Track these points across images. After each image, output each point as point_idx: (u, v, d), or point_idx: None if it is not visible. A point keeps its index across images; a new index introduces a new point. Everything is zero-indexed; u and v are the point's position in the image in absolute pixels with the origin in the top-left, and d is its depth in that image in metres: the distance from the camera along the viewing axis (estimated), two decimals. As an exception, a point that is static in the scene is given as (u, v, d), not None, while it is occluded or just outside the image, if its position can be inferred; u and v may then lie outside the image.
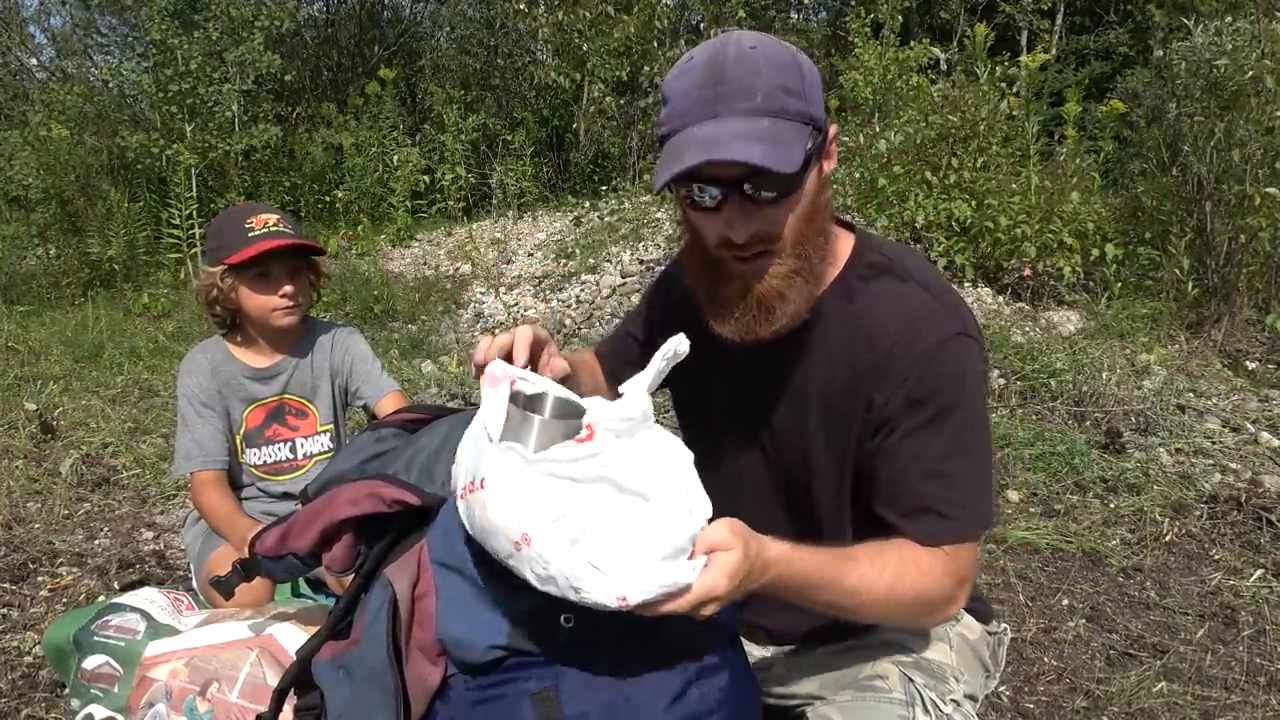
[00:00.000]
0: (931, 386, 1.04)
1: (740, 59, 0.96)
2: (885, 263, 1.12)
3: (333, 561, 1.10)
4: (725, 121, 0.95)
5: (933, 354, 1.04)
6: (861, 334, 1.07)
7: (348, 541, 1.09)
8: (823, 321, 1.10)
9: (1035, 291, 4.93)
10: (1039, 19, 9.13)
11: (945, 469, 1.05)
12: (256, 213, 1.90)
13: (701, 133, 0.95)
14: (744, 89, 0.95)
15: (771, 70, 0.96)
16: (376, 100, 7.91)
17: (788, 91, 0.96)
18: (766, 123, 0.95)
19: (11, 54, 9.04)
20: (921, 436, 1.05)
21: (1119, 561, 2.61)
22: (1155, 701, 1.99)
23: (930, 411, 1.04)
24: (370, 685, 0.99)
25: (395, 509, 1.07)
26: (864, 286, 1.10)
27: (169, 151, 6.33)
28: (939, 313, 1.06)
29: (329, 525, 1.09)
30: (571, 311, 5.21)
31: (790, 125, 0.96)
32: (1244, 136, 4.40)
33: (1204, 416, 3.61)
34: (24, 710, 1.89)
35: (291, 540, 1.13)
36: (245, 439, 1.99)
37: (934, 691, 1.11)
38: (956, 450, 1.05)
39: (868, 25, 6.60)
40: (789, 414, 1.15)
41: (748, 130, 0.94)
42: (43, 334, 5.26)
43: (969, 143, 5.08)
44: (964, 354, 1.06)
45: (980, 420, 1.08)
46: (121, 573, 2.50)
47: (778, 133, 0.94)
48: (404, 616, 0.99)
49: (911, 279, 1.10)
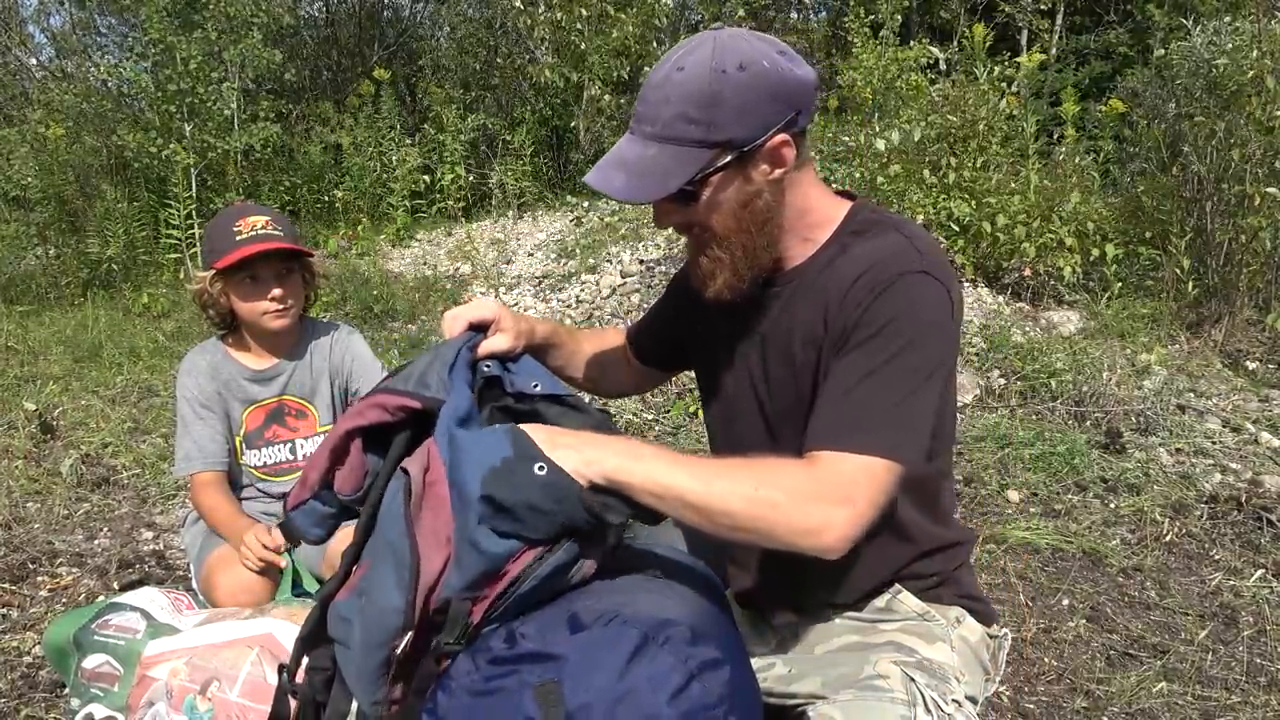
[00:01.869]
0: (879, 313, 1.09)
1: (660, 82, 1.10)
2: (876, 218, 1.21)
3: (344, 482, 1.12)
4: (629, 140, 1.13)
5: (890, 284, 1.09)
6: (839, 275, 1.15)
7: (356, 459, 1.12)
8: (814, 272, 1.20)
9: (1035, 291, 4.93)
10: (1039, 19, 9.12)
11: (861, 385, 1.07)
12: (246, 215, 1.88)
13: (611, 152, 1.15)
14: (650, 113, 1.10)
15: (679, 99, 1.08)
16: (374, 100, 7.90)
17: (686, 119, 1.08)
18: (654, 150, 1.10)
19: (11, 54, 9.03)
20: (854, 356, 1.09)
21: (1119, 561, 2.61)
22: (1155, 702, 1.99)
23: (870, 333, 1.09)
24: (385, 563, 1.00)
25: (399, 415, 1.11)
26: (855, 240, 1.19)
27: (167, 151, 6.33)
28: (908, 252, 1.12)
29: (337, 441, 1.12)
30: (571, 311, 5.21)
31: (681, 152, 1.09)
32: (1244, 136, 4.40)
33: (1204, 416, 3.61)
34: (24, 710, 1.89)
35: (309, 479, 1.15)
36: (245, 440, 1.99)
37: (935, 691, 1.11)
38: (882, 370, 1.07)
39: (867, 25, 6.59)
40: (779, 361, 1.23)
41: (632, 157, 1.11)
42: (42, 334, 5.25)
43: (968, 142, 5.08)
44: (922, 290, 1.10)
45: (922, 353, 1.08)
46: (121, 573, 2.50)
47: (658, 162, 1.09)
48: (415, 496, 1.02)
49: (899, 230, 1.17)
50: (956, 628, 1.26)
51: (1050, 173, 5.16)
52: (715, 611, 1.09)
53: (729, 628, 1.09)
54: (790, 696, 1.23)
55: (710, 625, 1.03)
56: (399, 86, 9.12)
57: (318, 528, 1.18)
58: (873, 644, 1.21)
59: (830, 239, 1.21)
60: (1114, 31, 9.25)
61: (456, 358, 1.17)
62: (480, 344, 1.22)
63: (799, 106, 1.11)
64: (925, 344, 1.08)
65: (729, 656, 1.01)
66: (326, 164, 7.96)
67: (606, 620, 0.99)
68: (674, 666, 0.96)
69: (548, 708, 0.93)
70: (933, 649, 1.19)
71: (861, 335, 1.09)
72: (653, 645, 0.97)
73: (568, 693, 0.93)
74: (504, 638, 1.00)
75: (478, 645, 1.01)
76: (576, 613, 1.01)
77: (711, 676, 0.98)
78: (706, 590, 1.14)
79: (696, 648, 0.98)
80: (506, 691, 0.95)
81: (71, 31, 9.12)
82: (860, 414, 1.05)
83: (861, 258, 1.14)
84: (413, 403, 1.10)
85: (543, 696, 0.93)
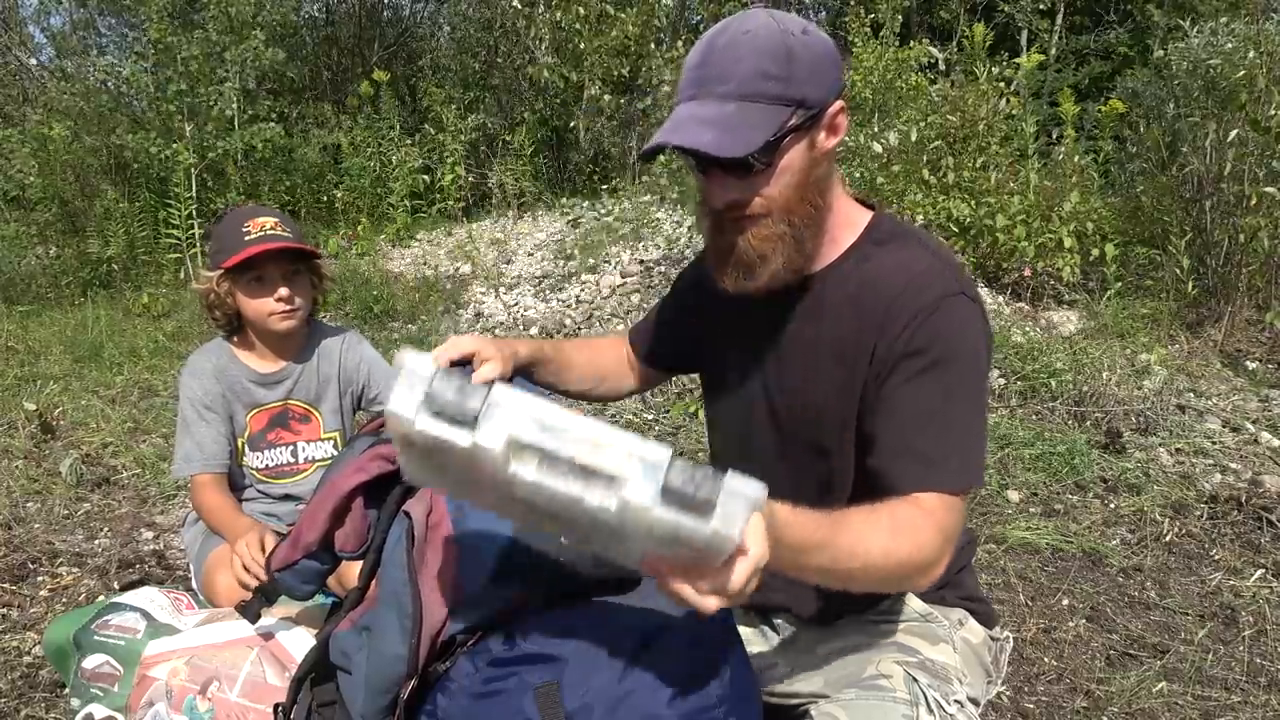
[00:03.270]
0: (929, 338, 1.08)
1: (728, 44, 1.05)
2: (899, 230, 1.20)
3: (346, 540, 1.11)
4: (700, 104, 1.06)
5: (934, 307, 1.09)
6: (870, 289, 1.14)
7: (358, 514, 1.11)
8: (837, 280, 1.18)
9: (1035, 291, 4.93)
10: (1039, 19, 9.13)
11: (935, 418, 1.07)
12: (255, 216, 1.88)
13: (680, 113, 1.07)
14: (721, 74, 1.05)
15: (752, 55, 1.04)
16: (373, 100, 7.90)
17: (765, 76, 1.04)
18: (733, 107, 1.04)
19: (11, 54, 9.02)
20: (915, 385, 1.08)
21: (1119, 561, 2.61)
22: (1155, 702, 1.99)
23: (925, 361, 1.08)
24: (388, 609, 1.01)
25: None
26: (878, 250, 1.17)
27: (167, 151, 6.33)
28: (944, 272, 1.12)
29: (339, 501, 1.10)
30: (571, 311, 5.20)
31: (760, 109, 1.04)
32: (1242, 136, 4.40)
33: (1204, 416, 3.61)
34: (24, 710, 1.89)
35: (303, 538, 1.14)
36: (248, 442, 1.98)
37: (938, 692, 1.11)
38: (948, 401, 1.07)
39: (867, 25, 6.59)
40: (801, 368, 1.20)
41: (711, 115, 1.04)
42: (42, 334, 5.25)
43: (968, 142, 5.08)
44: (965, 313, 1.10)
45: (976, 378, 1.10)
46: (121, 573, 2.50)
47: (742, 118, 1.03)
48: (418, 541, 1.01)
49: (922, 244, 1.16)
50: (959, 629, 1.26)
51: (1050, 173, 5.16)
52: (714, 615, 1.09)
53: (728, 629, 1.09)
54: (792, 696, 1.24)
55: (709, 626, 1.03)
56: (399, 86, 9.12)
57: (308, 584, 1.17)
58: (875, 644, 1.21)
59: (854, 245, 1.19)
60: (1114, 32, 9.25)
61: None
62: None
63: (842, 79, 1.11)
64: (976, 368, 1.10)
65: (728, 658, 1.01)
66: (326, 164, 7.96)
67: (606, 622, 0.99)
68: (674, 668, 0.96)
69: (547, 709, 0.93)
70: (935, 650, 1.20)
71: (916, 365, 1.08)
72: (652, 647, 0.97)
73: (567, 695, 0.94)
74: (503, 639, 1.00)
75: (477, 649, 1.01)
76: (575, 614, 1.01)
77: (711, 678, 0.98)
78: None
79: (696, 649, 0.98)
80: (506, 693, 0.96)
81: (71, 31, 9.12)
82: (941, 452, 1.06)
83: (894, 274, 1.12)
84: None
85: (542, 699, 0.94)
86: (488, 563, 1.00)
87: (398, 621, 0.99)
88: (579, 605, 1.02)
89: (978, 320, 1.11)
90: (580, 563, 1.02)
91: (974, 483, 1.08)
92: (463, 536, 1.01)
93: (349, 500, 1.11)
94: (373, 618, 1.04)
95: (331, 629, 1.10)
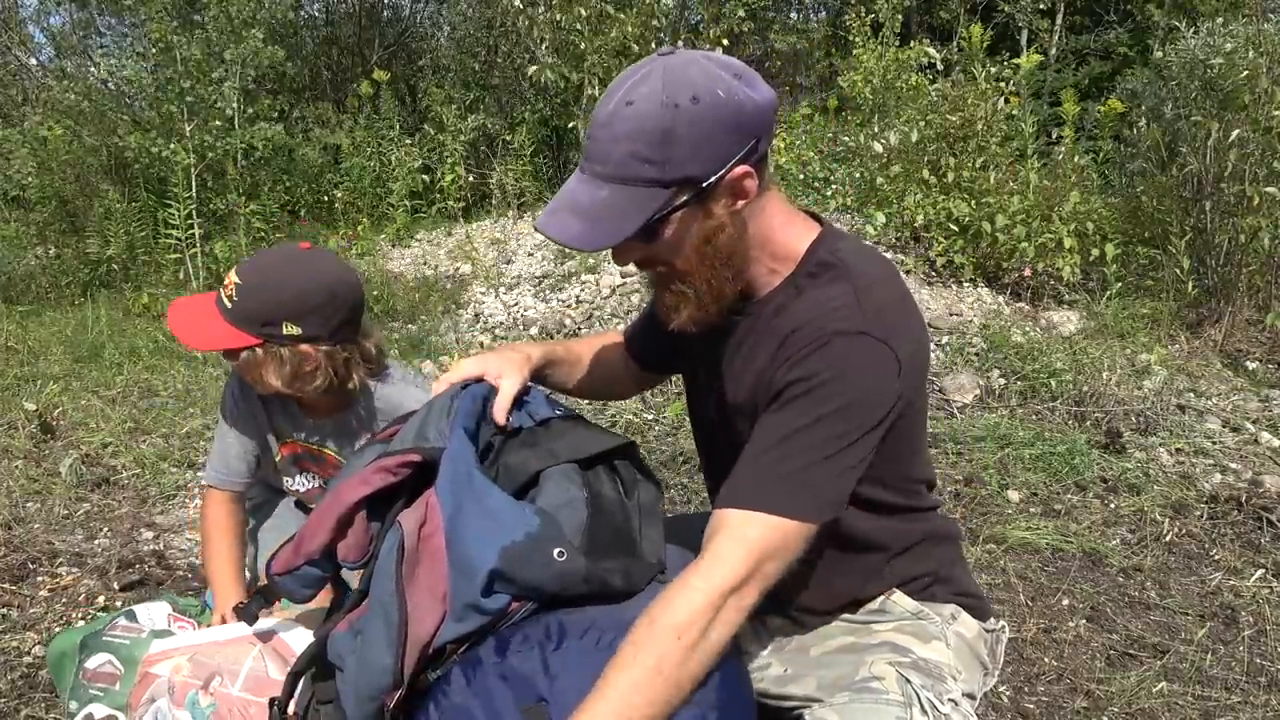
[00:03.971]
0: (810, 369, 1.06)
1: (610, 118, 1.03)
2: (833, 261, 1.15)
3: (349, 551, 1.11)
4: (580, 182, 1.07)
5: (825, 342, 1.06)
6: (786, 323, 1.13)
7: (361, 525, 1.11)
8: (771, 313, 1.17)
9: (1035, 291, 4.93)
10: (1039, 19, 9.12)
11: (784, 444, 1.05)
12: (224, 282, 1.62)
13: (563, 192, 1.08)
14: (602, 152, 1.04)
15: (627, 138, 1.01)
16: (373, 100, 7.90)
17: (640, 159, 1.01)
18: (606, 192, 1.03)
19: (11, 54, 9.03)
20: (780, 411, 1.07)
21: (1119, 561, 2.61)
22: (1155, 702, 1.99)
23: (798, 391, 1.06)
24: (376, 618, 1.01)
25: (402, 474, 1.10)
26: (809, 283, 1.15)
27: (167, 151, 6.33)
28: (853, 312, 1.08)
29: (344, 512, 1.11)
30: (571, 311, 5.21)
31: (635, 192, 1.03)
32: (1242, 136, 4.40)
33: (1204, 416, 3.62)
34: (24, 710, 1.89)
35: (305, 546, 1.14)
36: (278, 464, 1.89)
37: (931, 692, 1.11)
38: (806, 431, 1.04)
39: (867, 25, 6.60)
40: (739, 395, 1.21)
41: (585, 203, 1.04)
42: (42, 334, 5.25)
43: (968, 142, 5.08)
44: (858, 352, 1.06)
45: (849, 417, 1.04)
46: (121, 573, 2.50)
47: (613, 204, 1.03)
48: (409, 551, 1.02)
49: (849, 281, 1.12)
50: (952, 624, 1.26)
51: (1050, 173, 5.16)
52: None
53: None
54: (786, 698, 1.23)
55: None
56: (399, 86, 9.12)
57: (307, 589, 1.17)
58: (868, 645, 1.21)
59: (788, 278, 1.17)
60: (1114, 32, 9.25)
61: (453, 407, 1.16)
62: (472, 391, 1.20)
63: (759, 133, 1.05)
64: (850, 408, 1.04)
65: (722, 668, 1.02)
66: (326, 164, 7.96)
67: (596, 639, 1.00)
68: None
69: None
70: (928, 648, 1.19)
71: (790, 394, 1.07)
72: None
73: (553, 712, 0.95)
74: (494, 654, 1.01)
75: (469, 660, 1.01)
76: (566, 627, 1.02)
77: (703, 694, 0.98)
78: None
79: None
80: (495, 710, 0.96)
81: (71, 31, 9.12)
82: (775, 477, 1.03)
83: (805, 309, 1.11)
84: (414, 456, 1.10)
85: (529, 716, 0.95)
86: (479, 574, 0.99)
87: (385, 631, 1.00)
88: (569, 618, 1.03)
89: (872, 363, 1.06)
90: (571, 578, 1.02)
91: (799, 514, 1.03)
92: (455, 547, 1.01)
93: (353, 512, 1.11)
94: (365, 623, 1.04)
95: (330, 628, 1.11)
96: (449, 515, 1.03)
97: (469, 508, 1.03)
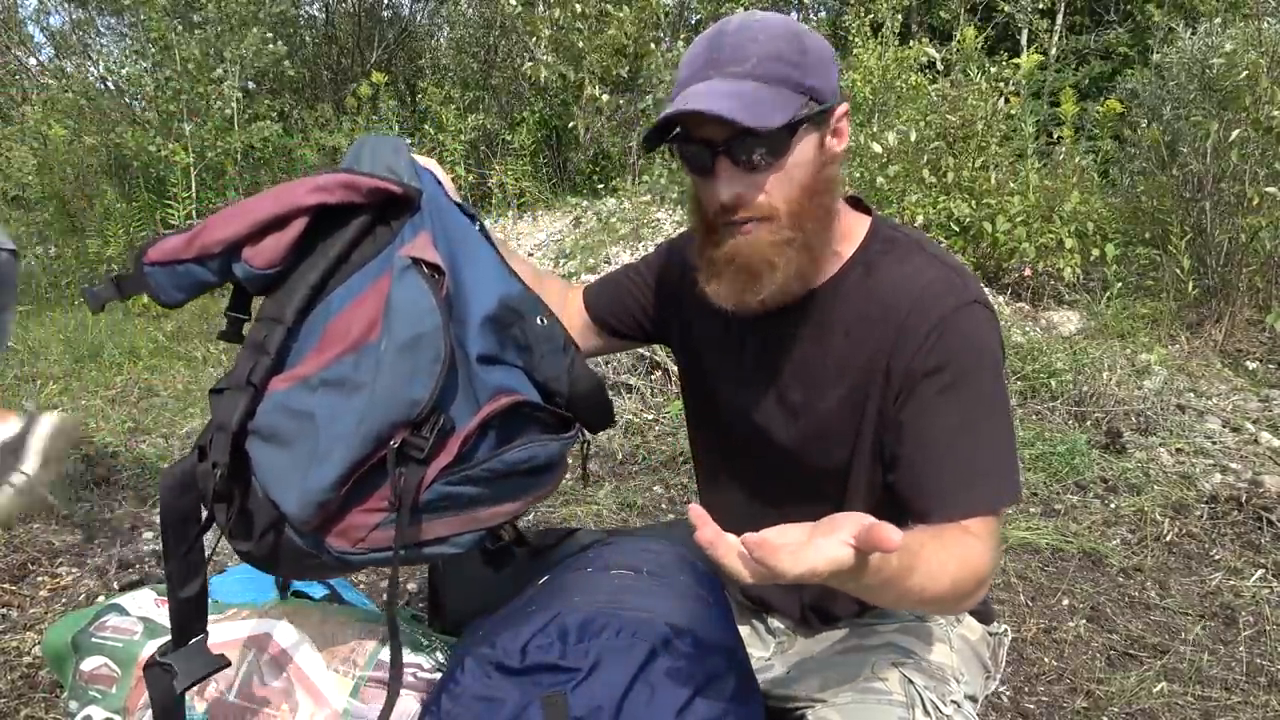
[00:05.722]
0: (946, 353, 1.04)
1: (740, 27, 1.00)
2: (901, 238, 1.13)
3: (255, 256, 0.90)
4: (712, 83, 0.98)
5: (947, 321, 1.04)
6: (878, 305, 1.08)
7: (290, 234, 0.91)
8: (840, 296, 1.11)
9: (1035, 291, 4.93)
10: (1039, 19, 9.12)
11: (963, 439, 1.03)
12: None
13: (691, 90, 0.99)
14: (736, 55, 0.98)
15: (768, 38, 0.99)
16: (371, 100, 7.89)
17: (781, 59, 0.98)
18: (750, 85, 0.97)
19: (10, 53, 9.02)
20: (939, 406, 1.04)
21: (1119, 561, 2.61)
22: (1155, 702, 1.99)
23: (946, 379, 1.04)
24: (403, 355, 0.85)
25: (372, 199, 0.94)
26: (881, 260, 1.11)
27: (166, 151, 6.32)
28: (953, 281, 1.07)
29: (282, 213, 0.90)
30: (571, 311, 5.20)
31: (777, 91, 0.97)
32: (1242, 136, 4.40)
33: (1204, 416, 3.61)
34: (23, 710, 1.89)
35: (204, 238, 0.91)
36: None
37: (934, 693, 1.11)
38: (974, 419, 1.04)
39: (867, 25, 6.59)
40: (804, 389, 1.15)
41: (727, 90, 0.96)
42: (42, 334, 5.25)
43: (968, 142, 5.08)
44: (978, 321, 1.06)
45: (998, 389, 1.06)
46: (121, 573, 2.50)
47: (760, 95, 0.96)
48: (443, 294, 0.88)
49: (926, 252, 1.11)
50: (956, 627, 1.26)
51: (1050, 173, 5.16)
52: (719, 620, 1.10)
53: (733, 638, 1.10)
54: (789, 699, 1.23)
55: (715, 636, 1.04)
56: (398, 86, 9.12)
57: (180, 292, 0.94)
58: (871, 646, 1.21)
59: (855, 255, 1.13)
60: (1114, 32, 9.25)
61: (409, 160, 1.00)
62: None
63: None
64: (996, 378, 1.06)
65: (732, 667, 1.02)
66: (325, 164, 7.95)
67: (615, 631, 0.99)
68: (681, 680, 0.96)
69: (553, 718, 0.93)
70: (931, 650, 1.19)
71: (936, 384, 1.04)
72: (660, 657, 0.97)
73: (573, 704, 0.94)
74: (513, 645, 1.00)
75: (485, 652, 1.01)
76: (585, 620, 1.01)
77: (716, 689, 0.98)
78: (709, 594, 1.14)
79: (702, 660, 0.98)
80: (512, 700, 0.96)
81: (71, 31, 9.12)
82: (975, 475, 1.03)
83: (903, 288, 1.07)
84: (391, 185, 0.93)
85: (549, 707, 0.94)
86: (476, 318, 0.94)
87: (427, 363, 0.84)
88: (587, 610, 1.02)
89: (991, 327, 1.08)
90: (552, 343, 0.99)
91: (1012, 499, 1.05)
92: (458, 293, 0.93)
93: (292, 216, 0.90)
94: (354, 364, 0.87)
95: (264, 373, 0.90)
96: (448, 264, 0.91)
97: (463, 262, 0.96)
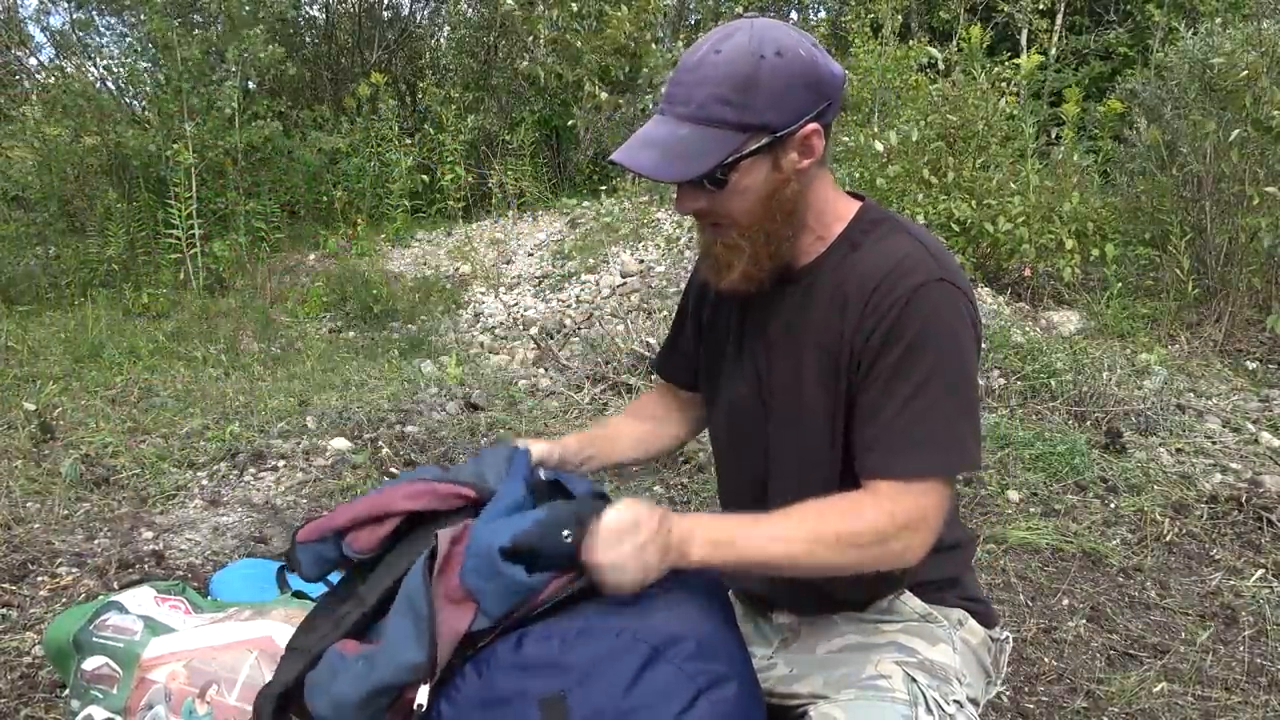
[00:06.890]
0: (906, 325, 1.08)
1: (698, 64, 1.08)
2: (884, 217, 1.21)
3: (355, 540, 1.11)
4: (659, 123, 1.10)
5: (913, 294, 1.09)
6: (855, 280, 1.14)
7: (383, 528, 1.11)
8: (826, 269, 1.19)
9: (1035, 291, 4.94)
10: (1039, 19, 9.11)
11: (916, 404, 1.07)
12: None
13: (640, 131, 1.12)
14: (685, 94, 1.09)
15: (718, 79, 1.06)
16: (371, 101, 7.89)
17: (722, 101, 1.06)
18: (686, 130, 1.08)
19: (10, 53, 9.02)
20: (892, 374, 1.09)
21: (1119, 561, 2.61)
22: (1155, 702, 1.99)
23: (902, 349, 1.08)
24: (403, 616, 1.00)
25: (452, 503, 1.10)
26: (865, 238, 1.18)
27: (167, 151, 6.33)
28: (926, 258, 1.12)
29: (381, 513, 1.10)
30: (571, 311, 5.21)
31: (714, 134, 1.07)
32: (1242, 136, 4.40)
33: (1204, 416, 3.62)
34: (24, 710, 1.89)
35: (330, 523, 1.12)
36: None
37: (937, 692, 1.11)
38: (929, 387, 1.07)
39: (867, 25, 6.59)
40: (787, 356, 1.21)
41: (662, 137, 1.09)
42: (42, 334, 5.25)
43: (968, 142, 5.08)
44: (944, 298, 1.10)
45: (957, 363, 1.09)
46: (121, 573, 2.50)
47: (689, 142, 1.07)
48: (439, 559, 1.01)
49: (907, 232, 1.17)
50: (959, 629, 1.25)
51: (1050, 173, 5.16)
52: (721, 623, 1.09)
53: (735, 640, 1.09)
54: (792, 697, 1.23)
55: (717, 639, 1.03)
56: (398, 86, 9.11)
57: (313, 569, 1.17)
58: (874, 644, 1.21)
59: (840, 236, 1.20)
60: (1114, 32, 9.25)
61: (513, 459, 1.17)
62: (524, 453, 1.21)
63: (829, 98, 1.11)
64: (956, 355, 1.09)
65: (735, 671, 1.01)
66: (324, 164, 7.95)
67: (616, 633, 0.99)
68: (682, 682, 0.96)
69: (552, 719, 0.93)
70: (935, 650, 1.19)
71: (893, 354, 1.09)
72: (661, 660, 0.97)
73: (573, 705, 0.93)
74: (511, 647, 0.99)
75: (483, 654, 1.00)
76: (585, 623, 1.00)
77: (717, 692, 0.98)
78: (711, 596, 1.14)
79: (704, 663, 0.98)
80: (511, 702, 0.95)
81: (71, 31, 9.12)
82: (910, 440, 1.07)
83: (876, 262, 1.13)
84: (468, 491, 1.10)
85: (548, 709, 0.93)
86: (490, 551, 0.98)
87: (413, 627, 0.98)
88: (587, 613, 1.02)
89: (957, 305, 1.11)
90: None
91: (961, 467, 1.10)
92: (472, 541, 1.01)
93: (387, 515, 1.11)
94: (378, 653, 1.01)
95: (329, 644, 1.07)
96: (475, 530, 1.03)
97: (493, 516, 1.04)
